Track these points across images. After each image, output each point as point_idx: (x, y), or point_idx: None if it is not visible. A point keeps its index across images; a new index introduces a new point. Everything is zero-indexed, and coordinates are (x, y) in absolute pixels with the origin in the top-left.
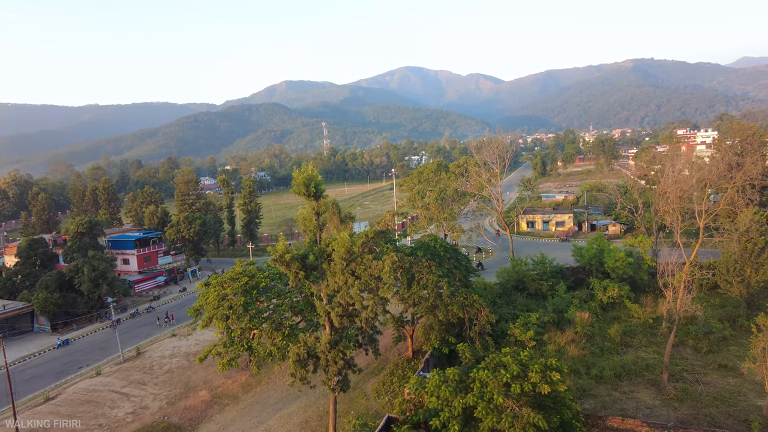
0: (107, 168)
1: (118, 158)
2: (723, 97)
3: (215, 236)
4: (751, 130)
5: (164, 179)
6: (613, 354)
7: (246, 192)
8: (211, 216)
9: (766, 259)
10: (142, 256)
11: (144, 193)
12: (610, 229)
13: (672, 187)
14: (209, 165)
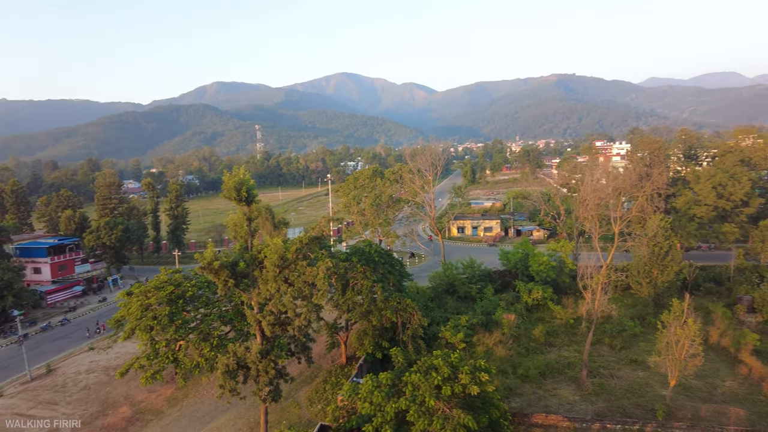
0: (16, 169)
1: (30, 158)
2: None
3: (139, 243)
4: (657, 143)
5: (83, 182)
6: (538, 354)
7: (172, 196)
8: (135, 221)
9: (670, 262)
10: (57, 264)
11: (60, 196)
12: (535, 235)
13: (591, 195)
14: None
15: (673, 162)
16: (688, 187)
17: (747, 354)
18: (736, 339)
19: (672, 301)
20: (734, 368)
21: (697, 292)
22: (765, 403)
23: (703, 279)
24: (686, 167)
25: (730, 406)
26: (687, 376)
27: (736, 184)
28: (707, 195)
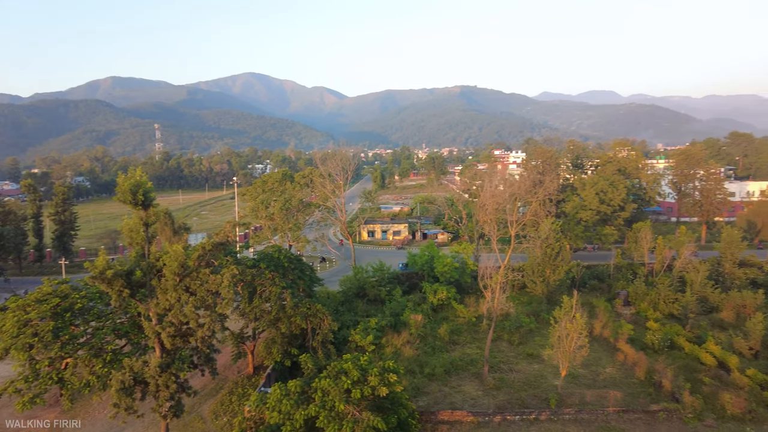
0: None
1: None
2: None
3: (16, 251)
4: (549, 153)
5: None
6: (443, 352)
7: (59, 199)
8: (11, 227)
9: (561, 262)
10: None
11: None
12: (440, 238)
13: (490, 200)
14: (10, 167)
15: (562, 170)
16: (576, 194)
17: (623, 342)
18: (614, 330)
19: (563, 298)
20: (613, 356)
21: (584, 288)
22: (637, 384)
23: (588, 277)
24: (574, 175)
25: (610, 389)
26: (575, 366)
27: (615, 191)
28: (591, 200)
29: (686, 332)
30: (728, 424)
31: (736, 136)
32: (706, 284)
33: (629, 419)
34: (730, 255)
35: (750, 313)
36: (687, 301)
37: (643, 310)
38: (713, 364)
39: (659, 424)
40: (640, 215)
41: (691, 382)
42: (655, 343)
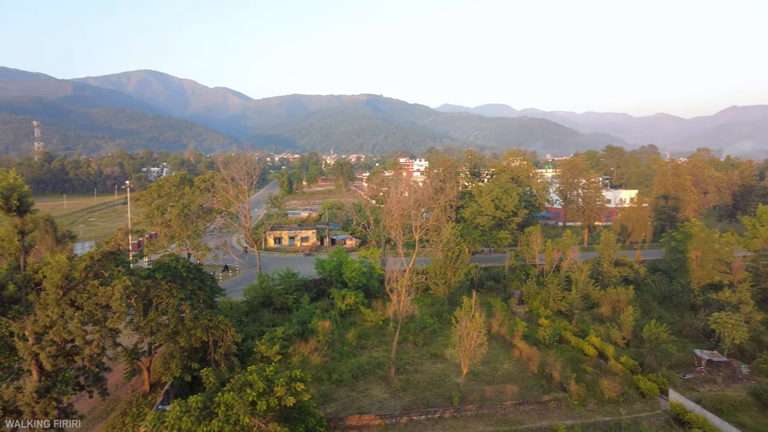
0: None
1: None
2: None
3: None
4: (449, 162)
5: None
6: (351, 357)
7: None
8: None
9: (461, 264)
10: None
11: None
12: (348, 243)
13: (396, 206)
14: None
15: (461, 178)
16: (474, 200)
17: (518, 339)
18: (510, 327)
19: (463, 299)
20: (510, 352)
21: (482, 289)
22: (531, 378)
23: (486, 278)
24: (472, 183)
25: (507, 384)
26: (476, 363)
27: (509, 198)
28: (488, 207)
29: (572, 327)
30: (606, 407)
31: (611, 149)
32: (589, 282)
33: (524, 410)
34: (607, 255)
35: (623, 307)
36: (573, 299)
37: (536, 308)
38: (594, 355)
39: (550, 413)
40: (531, 220)
41: (576, 372)
42: (546, 338)
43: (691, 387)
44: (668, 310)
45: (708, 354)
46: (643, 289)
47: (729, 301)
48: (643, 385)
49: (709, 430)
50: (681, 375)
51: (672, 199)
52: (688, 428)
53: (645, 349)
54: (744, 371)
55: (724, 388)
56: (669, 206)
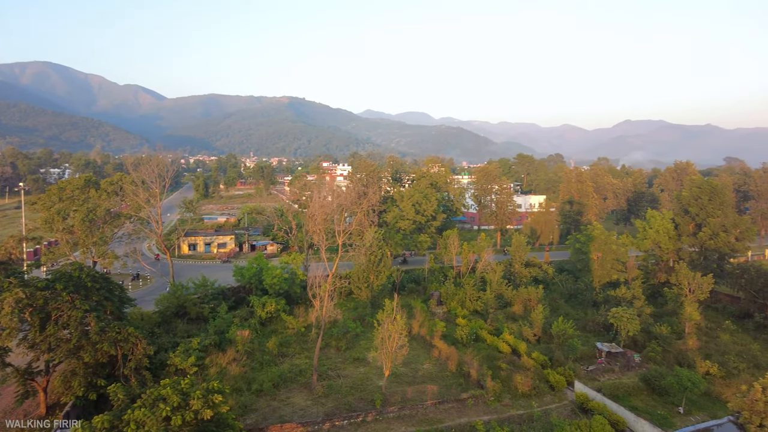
0: None
1: None
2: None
3: None
4: (372, 167)
5: None
6: (272, 366)
7: None
8: None
9: (383, 267)
10: None
11: None
12: (269, 249)
13: (318, 210)
14: None
15: (384, 183)
16: (395, 205)
17: (438, 339)
18: (430, 328)
19: (385, 302)
20: (430, 352)
21: (403, 291)
22: (450, 377)
23: (407, 280)
24: (393, 188)
25: (427, 384)
26: (397, 365)
27: (428, 203)
28: (409, 211)
29: (488, 326)
30: (520, 401)
31: (521, 158)
32: (502, 283)
33: (444, 409)
34: (518, 257)
35: (534, 305)
36: (487, 298)
37: (453, 308)
38: (508, 351)
39: (469, 410)
40: (449, 224)
41: (492, 369)
42: (464, 337)
43: (593, 377)
44: (574, 307)
45: (607, 346)
46: (552, 288)
47: (624, 297)
48: (553, 378)
49: (608, 415)
50: (585, 367)
51: (576, 204)
52: (591, 415)
53: (554, 344)
54: (636, 360)
55: (621, 376)
56: (573, 211)
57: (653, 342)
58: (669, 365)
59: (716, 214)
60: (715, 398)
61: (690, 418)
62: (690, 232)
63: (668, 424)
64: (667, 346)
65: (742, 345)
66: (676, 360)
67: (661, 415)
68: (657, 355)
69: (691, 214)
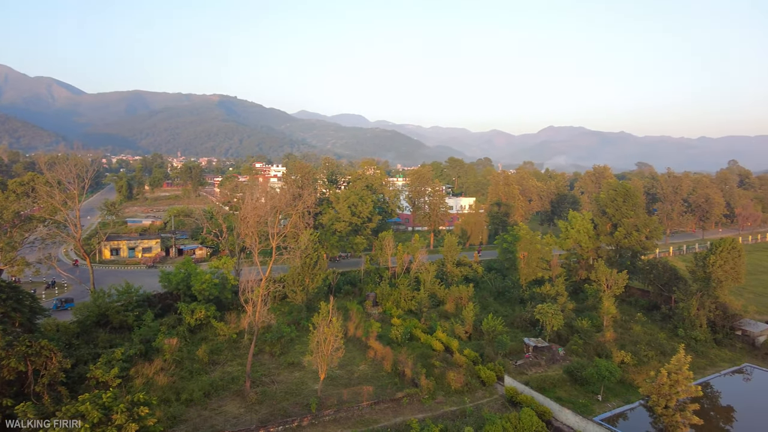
0: None
1: None
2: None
3: None
4: (307, 168)
5: None
6: (202, 374)
7: None
8: None
9: (319, 270)
10: None
11: None
12: (198, 253)
13: (251, 212)
14: None
15: (319, 185)
16: (331, 207)
17: (373, 340)
18: (365, 329)
19: (320, 304)
20: (365, 353)
21: (339, 294)
22: (386, 376)
23: (343, 282)
24: (329, 190)
25: (363, 385)
26: (333, 368)
27: (364, 205)
28: (345, 213)
29: (422, 324)
30: (453, 398)
31: (453, 161)
32: (435, 282)
33: (380, 409)
34: (450, 257)
35: (465, 303)
36: (421, 298)
37: (389, 309)
38: (441, 349)
39: (404, 408)
40: (384, 225)
41: (426, 367)
42: (399, 337)
43: (521, 371)
44: (502, 304)
45: (534, 341)
46: (481, 287)
47: (549, 294)
48: (483, 374)
49: (535, 406)
50: (514, 362)
51: (504, 206)
52: (520, 408)
53: (484, 340)
54: (561, 353)
55: (546, 369)
56: (501, 212)
57: (575, 335)
58: (589, 357)
59: (630, 215)
60: (629, 385)
61: (607, 405)
62: (607, 232)
63: (588, 411)
64: (588, 339)
65: (651, 335)
66: (595, 351)
67: (582, 404)
68: (579, 347)
69: (608, 215)
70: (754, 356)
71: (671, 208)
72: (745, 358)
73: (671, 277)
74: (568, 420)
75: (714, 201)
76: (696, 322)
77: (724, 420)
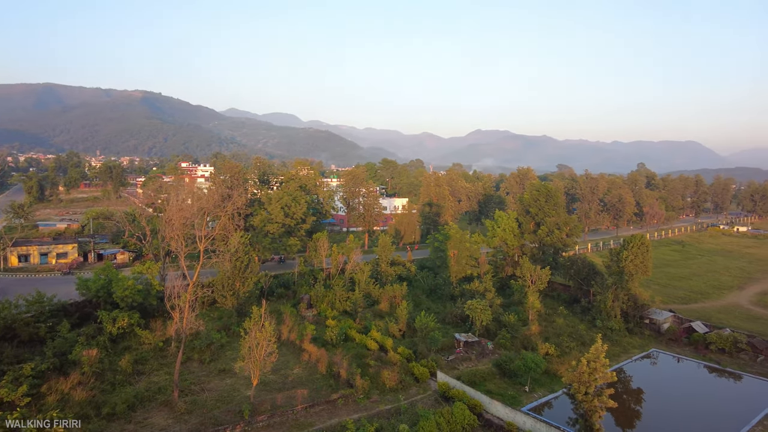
0: None
1: None
2: (218, 139)
3: None
4: (237, 168)
5: None
6: (126, 386)
7: None
8: None
9: (250, 273)
10: None
11: None
12: (119, 258)
13: (177, 214)
14: None
15: (250, 185)
16: (263, 208)
17: (308, 342)
18: (300, 332)
19: (252, 309)
20: (300, 356)
21: (272, 297)
22: (321, 379)
23: (276, 285)
24: (261, 190)
25: (297, 389)
26: (266, 373)
27: (297, 206)
28: (277, 214)
29: (356, 324)
30: (388, 396)
31: (386, 162)
32: (369, 282)
33: (315, 412)
34: (384, 257)
35: (399, 302)
36: (356, 298)
37: (323, 310)
38: (376, 348)
39: (339, 410)
40: (319, 227)
41: (361, 367)
42: (333, 338)
43: (453, 366)
44: (434, 301)
45: (464, 336)
46: (414, 285)
47: (478, 290)
48: (417, 371)
49: (467, 400)
50: (446, 357)
51: (435, 206)
52: (452, 402)
53: (417, 338)
54: (490, 347)
55: (477, 363)
56: (433, 212)
57: (503, 330)
58: (516, 350)
59: (552, 213)
60: (553, 375)
61: (534, 395)
62: (531, 230)
63: (517, 402)
64: (515, 332)
65: (572, 327)
66: (522, 345)
67: (511, 395)
68: (506, 341)
69: (531, 214)
70: (660, 342)
71: (589, 207)
72: (652, 344)
73: (589, 272)
74: (498, 412)
75: (626, 200)
76: (611, 313)
77: (635, 401)
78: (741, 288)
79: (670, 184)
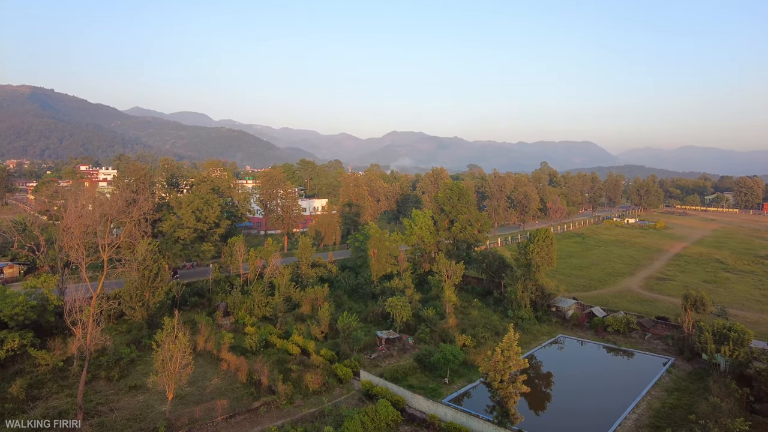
0: None
1: None
2: (121, 139)
3: None
4: (143, 170)
5: None
6: (18, 415)
7: None
8: None
9: (160, 283)
10: None
11: None
12: (7, 272)
13: (76, 222)
14: None
15: (158, 189)
16: (173, 212)
17: (226, 351)
18: (217, 341)
19: (164, 320)
20: (218, 367)
21: (185, 306)
22: (241, 388)
23: (189, 294)
24: (170, 194)
25: (217, 400)
26: (182, 386)
27: (210, 209)
28: (188, 219)
29: (277, 330)
30: (311, 399)
31: (304, 163)
32: (290, 285)
33: (236, 422)
34: (305, 259)
35: (321, 303)
36: (276, 303)
37: (242, 317)
38: (298, 352)
39: (261, 418)
40: (234, 230)
41: (283, 372)
42: (253, 345)
43: (376, 364)
44: (356, 301)
45: (386, 333)
46: (336, 285)
47: (398, 287)
48: (340, 371)
49: (390, 396)
50: (368, 355)
51: (354, 206)
52: (376, 400)
53: (340, 338)
54: (411, 342)
55: (399, 359)
56: (352, 212)
57: (423, 324)
58: (436, 343)
59: (464, 211)
60: (471, 365)
61: (453, 386)
62: (446, 227)
63: (438, 394)
64: (434, 326)
65: (486, 318)
66: (441, 338)
67: (432, 388)
68: (426, 335)
69: (446, 212)
70: (566, 328)
71: (498, 204)
72: (559, 330)
73: (500, 265)
74: (420, 405)
75: (531, 197)
76: (521, 303)
77: (545, 385)
78: (632, 274)
79: (570, 182)
